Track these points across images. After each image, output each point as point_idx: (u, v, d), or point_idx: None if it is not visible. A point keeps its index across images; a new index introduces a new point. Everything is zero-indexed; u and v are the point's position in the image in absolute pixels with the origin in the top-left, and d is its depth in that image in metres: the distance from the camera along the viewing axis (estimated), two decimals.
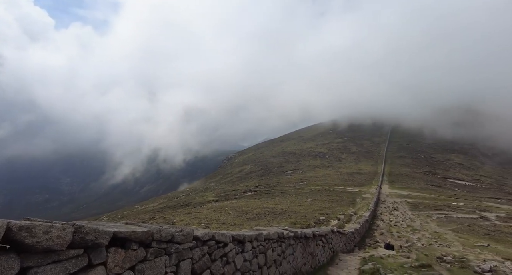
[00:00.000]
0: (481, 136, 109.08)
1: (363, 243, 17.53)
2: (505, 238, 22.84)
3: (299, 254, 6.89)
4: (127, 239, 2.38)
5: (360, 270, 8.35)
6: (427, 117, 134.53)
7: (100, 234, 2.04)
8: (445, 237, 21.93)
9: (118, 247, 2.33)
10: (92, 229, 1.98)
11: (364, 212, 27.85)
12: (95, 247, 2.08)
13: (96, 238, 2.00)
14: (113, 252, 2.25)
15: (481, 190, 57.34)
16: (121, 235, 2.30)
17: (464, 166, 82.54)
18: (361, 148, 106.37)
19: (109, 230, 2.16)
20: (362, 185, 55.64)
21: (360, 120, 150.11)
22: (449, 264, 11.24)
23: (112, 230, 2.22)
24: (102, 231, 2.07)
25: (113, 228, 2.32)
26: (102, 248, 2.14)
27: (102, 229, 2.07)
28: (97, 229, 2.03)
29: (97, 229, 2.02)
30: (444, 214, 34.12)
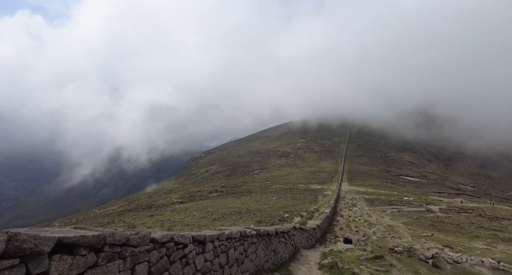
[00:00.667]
0: (436, 138, 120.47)
1: (324, 238, 18.32)
2: (445, 228, 25.42)
3: (261, 251, 7.00)
4: (75, 244, 2.23)
5: (320, 265, 8.73)
6: (391, 119, 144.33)
7: (41, 241, 1.88)
8: (397, 230, 23.76)
9: (65, 253, 2.18)
10: (31, 236, 1.82)
11: (325, 208, 29.09)
12: (35, 256, 1.90)
13: (36, 245, 1.84)
14: (57, 259, 2.09)
15: (427, 186, 63.12)
16: (67, 240, 2.15)
17: (414, 164, 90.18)
18: (323, 147, 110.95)
19: (52, 236, 2.00)
20: (323, 183, 58.02)
21: (329, 120, 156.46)
22: (399, 254, 12.20)
23: (57, 235, 2.07)
24: (44, 237, 1.90)
25: (59, 233, 2.16)
26: (44, 256, 1.97)
27: (43, 236, 1.91)
28: (38, 236, 1.86)
29: (37, 235, 1.86)
30: (396, 209, 36.95)
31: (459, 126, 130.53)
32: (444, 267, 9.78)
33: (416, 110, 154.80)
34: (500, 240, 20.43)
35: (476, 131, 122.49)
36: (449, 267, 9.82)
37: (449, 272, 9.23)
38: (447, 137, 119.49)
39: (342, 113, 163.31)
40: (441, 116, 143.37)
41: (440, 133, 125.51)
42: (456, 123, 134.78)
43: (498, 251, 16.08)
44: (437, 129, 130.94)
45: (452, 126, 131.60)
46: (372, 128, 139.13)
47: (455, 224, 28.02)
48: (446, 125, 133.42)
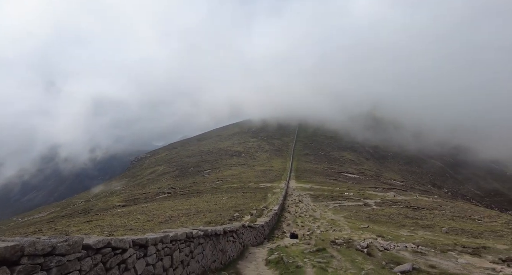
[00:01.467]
0: (382, 139, 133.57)
1: (272, 234, 18.90)
2: (379, 219, 28.29)
3: (209, 252, 6.93)
4: None
5: (267, 260, 9.00)
6: (344, 121, 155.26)
7: None
8: (338, 223, 25.63)
9: None
10: None
11: (274, 206, 30.02)
12: None
13: None
14: None
15: (365, 181, 69.49)
16: None
17: (354, 162, 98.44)
18: (273, 146, 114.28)
19: None
20: (273, 181, 59.78)
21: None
22: (339, 246, 13.21)
23: None
24: None
25: None
26: None
27: None
28: None
29: None
30: (338, 203, 39.87)
31: (402, 128, 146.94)
32: (376, 255, 10.90)
33: (366, 113, 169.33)
34: (420, 227, 23.50)
35: (415, 133, 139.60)
36: (380, 254, 10.98)
37: (379, 258, 10.31)
38: (390, 138, 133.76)
39: (300, 115, 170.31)
40: (386, 119, 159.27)
41: (385, 134, 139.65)
42: (399, 126, 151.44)
43: (418, 237, 18.48)
44: (383, 131, 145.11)
45: (397, 128, 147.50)
46: (325, 129, 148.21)
47: (387, 215, 31.28)
48: (390, 128, 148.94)
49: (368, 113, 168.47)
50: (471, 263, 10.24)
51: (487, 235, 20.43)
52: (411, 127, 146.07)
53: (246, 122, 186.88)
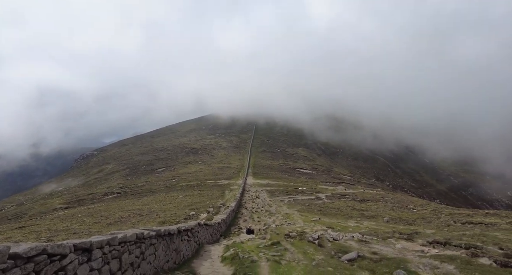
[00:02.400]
0: (341, 138, 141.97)
1: (229, 231, 18.93)
2: (329, 212, 30.10)
3: (161, 252, 6.68)
4: None
5: (223, 257, 9.00)
6: (309, 121, 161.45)
7: None
8: (292, 217, 26.64)
9: None
10: None
11: (231, 202, 30.08)
12: None
13: None
14: None
15: (317, 176, 73.32)
16: None
17: (307, 158, 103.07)
18: (231, 143, 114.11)
19: None
20: (231, 178, 59.75)
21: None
22: (293, 239, 13.75)
23: None
24: None
25: None
26: None
27: None
28: None
29: None
30: (293, 198, 41.43)
31: (362, 129, 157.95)
32: (326, 245, 11.60)
33: (331, 114, 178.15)
34: (365, 218, 25.57)
35: (370, 133, 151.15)
36: (330, 244, 11.71)
37: (329, 248, 10.99)
38: (349, 137, 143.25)
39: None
40: (347, 120, 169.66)
41: (344, 134, 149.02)
42: (358, 126, 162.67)
43: (363, 227, 20.10)
44: (343, 131, 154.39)
45: (356, 128, 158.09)
46: (282, 126, 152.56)
47: (336, 208, 33.40)
48: (349, 127, 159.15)
49: (332, 113, 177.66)
50: (405, 247, 11.47)
51: (419, 222, 23.06)
52: (369, 128, 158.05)
53: (206, 118, 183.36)
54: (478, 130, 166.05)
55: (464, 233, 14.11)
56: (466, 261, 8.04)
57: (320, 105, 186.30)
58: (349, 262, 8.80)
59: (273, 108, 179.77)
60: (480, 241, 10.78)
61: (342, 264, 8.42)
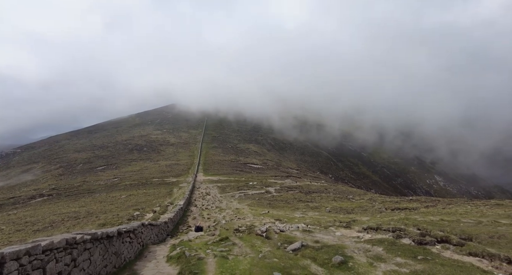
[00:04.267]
0: (304, 138, 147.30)
1: (177, 230, 18.35)
2: (278, 205, 31.26)
3: (98, 257, 6.16)
4: None
5: (168, 257, 8.69)
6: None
7: None
8: (242, 212, 26.96)
9: None
10: None
11: (180, 200, 29.18)
12: None
13: None
14: None
15: (267, 171, 75.34)
16: None
17: (258, 153, 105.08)
18: (180, 139, 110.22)
19: None
20: (179, 175, 57.84)
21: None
22: (242, 233, 13.92)
23: None
24: None
25: None
26: None
27: None
28: None
29: None
30: (243, 193, 41.93)
31: (324, 129, 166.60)
32: (273, 237, 12.02)
33: (300, 114, 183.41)
34: (310, 209, 27.17)
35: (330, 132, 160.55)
36: (276, 236, 12.16)
37: (276, 240, 11.41)
38: (313, 138, 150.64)
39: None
40: (311, 120, 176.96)
41: (309, 134, 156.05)
42: (323, 125, 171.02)
43: (308, 217, 21.34)
44: (307, 131, 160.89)
45: (320, 129, 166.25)
46: (233, 121, 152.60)
47: (284, 200, 34.82)
48: (314, 128, 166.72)
49: (300, 114, 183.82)
50: (344, 234, 12.52)
51: (357, 210, 25.38)
52: (331, 127, 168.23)
53: (153, 112, 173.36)
54: (425, 125, 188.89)
55: (392, 218, 15.94)
56: (391, 243, 9.11)
57: (290, 105, 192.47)
58: (294, 252, 9.27)
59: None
60: (404, 224, 12.30)
61: (287, 254, 8.82)
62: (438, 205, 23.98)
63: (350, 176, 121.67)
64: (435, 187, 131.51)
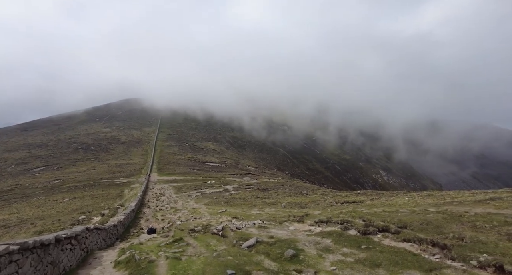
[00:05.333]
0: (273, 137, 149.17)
1: (128, 233, 17.33)
2: (236, 203, 31.34)
3: (29, 269, 5.52)
4: None
5: (116, 262, 8.15)
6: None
7: None
8: (199, 211, 26.47)
9: None
10: None
11: (132, 202, 27.59)
12: None
13: None
14: None
15: (226, 169, 74.98)
16: None
17: (216, 152, 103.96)
18: (132, 138, 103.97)
19: None
20: (131, 176, 54.69)
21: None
22: (197, 233, 13.68)
23: None
24: None
25: None
26: None
27: None
28: None
29: None
30: (201, 192, 41.17)
31: (289, 130, 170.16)
32: (229, 235, 12.02)
33: (267, 115, 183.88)
34: (267, 205, 27.75)
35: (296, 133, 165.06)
36: (232, 234, 12.19)
37: (231, 238, 11.43)
38: (278, 137, 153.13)
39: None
40: (277, 121, 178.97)
41: (275, 135, 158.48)
42: (289, 126, 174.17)
43: (265, 214, 21.78)
44: (274, 132, 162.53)
45: (287, 131, 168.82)
46: (191, 119, 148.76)
47: (242, 198, 35.03)
48: (280, 129, 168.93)
49: (265, 114, 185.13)
50: (297, 228, 13.04)
51: (310, 205, 26.61)
52: (297, 129, 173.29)
53: (104, 108, 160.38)
54: (386, 126, 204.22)
55: (341, 211, 17.04)
56: (339, 234, 9.74)
57: (259, 106, 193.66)
58: (249, 248, 9.38)
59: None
60: (351, 216, 13.24)
61: (242, 251, 8.90)
62: (382, 198, 26.29)
63: (305, 172, 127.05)
64: (380, 181, 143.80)
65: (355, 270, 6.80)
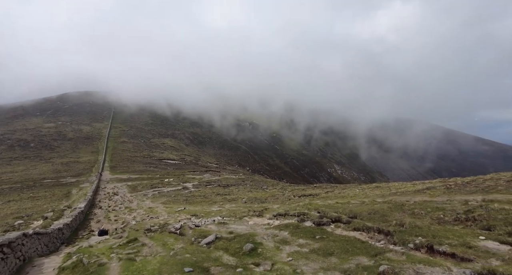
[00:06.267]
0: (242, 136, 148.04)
1: (76, 236, 16.01)
2: (195, 200, 30.78)
3: None
4: None
5: (60, 268, 7.48)
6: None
7: None
8: (156, 210, 25.48)
9: None
10: None
11: (80, 203, 25.51)
12: None
13: None
14: None
15: (185, 166, 73.02)
16: None
17: (174, 148, 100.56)
18: (80, 134, 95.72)
19: None
20: (80, 175, 50.52)
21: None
22: (154, 233, 13.16)
23: None
24: None
25: None
26: None
27: None
28: None
29: None
30: (158, 191, 39.61)
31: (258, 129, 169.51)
32: (187, 233, 11.78)
33: (237, 113, 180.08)
34: (227, 201, 27.75)
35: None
36: (191, 231, 11.96)
37: (190, 236, 11.22)
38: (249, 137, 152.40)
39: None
40: (243, 119, 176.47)
41: (237, 131, 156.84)
42: (256, 125, 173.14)
43: (225, 210, 21.75)
44: (236, 128, 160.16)
45: (254, 129, 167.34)
46: (147, 115, 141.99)
47: (202, 195, 34.49)
48: (248, 127, 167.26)
49: (236, 112, 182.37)
50: (256, 223, 13.26)
51: (270, 199, 27.23)
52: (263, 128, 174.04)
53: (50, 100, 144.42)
54: (348, 126, 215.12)
55: (298, 204, 17.74)
56: (296, 226, 10.14)
57: (230, 104, 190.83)
58: (207, 245, 9.30)
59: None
60: (307, 209, 13.85)
61: (200, 248, 8.79)
62: (335, 190, 27.94)
63: (266, 167, 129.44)
64: (335, 175, 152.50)
65: (309, 259, 7.15)
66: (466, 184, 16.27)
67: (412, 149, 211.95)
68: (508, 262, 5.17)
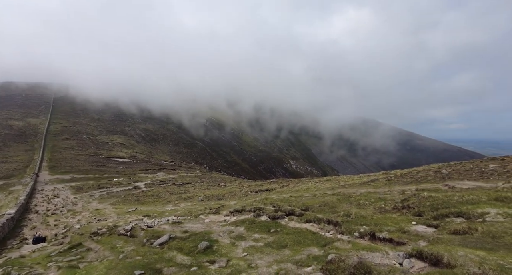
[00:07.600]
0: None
1: (3, 247, 14.11)
2: (148, 200, 29.36)
3: None
4: None
5: None
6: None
7: None
8: (104, 212, 23.72)
9: None
10: None
11: (10, 209, 22.54)
12: None
13: None
14: None
15: (136, 165, 68.95)
16: None
17: (124, 146, 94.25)
18: (10, 130, 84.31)
19: None
20: (10, 177, 44.68)
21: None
22: (101, 236, 12.24)
23: None
24: None
25: None
26: None
27: None
28: None
29: None
30: (106, 191, 36.87)
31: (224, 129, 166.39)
32: (138, 235, 11.18)
33: (207, 112, 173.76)
34: (183, 200, 27.00)
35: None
36: (142, 233, 11.38)
37: (141, 237, 10.67)
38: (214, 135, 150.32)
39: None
40: (205, 116, 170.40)
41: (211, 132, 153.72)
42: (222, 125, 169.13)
43: (180, 209, 21.14)
44: (211, 129, 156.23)
45: (212, 126, 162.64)
46: (95, 109, 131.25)
47: (155, 195, 33.03)
48: (215, 128, 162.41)
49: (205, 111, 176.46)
50: (213, 220, 13.14)
51: (227, 196, 27.16)
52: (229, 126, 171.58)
53: None
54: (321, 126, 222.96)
55: (255, 199, 17.99)
56: (252, 221, 10.29)
57: (199, 104, 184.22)
58: (160, 246, 8.95)
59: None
60: (263, 203, 14.13)
61: (153, 250, 8.42)
62: (290, 185, 28.98)
63: (223, 164, 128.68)
64: (290, 169, 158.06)
65: (264, 253, 7.31)
66: (403, 176, 18.15)
67: (360, 145, 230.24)
68: (432, 243, 5.91)
